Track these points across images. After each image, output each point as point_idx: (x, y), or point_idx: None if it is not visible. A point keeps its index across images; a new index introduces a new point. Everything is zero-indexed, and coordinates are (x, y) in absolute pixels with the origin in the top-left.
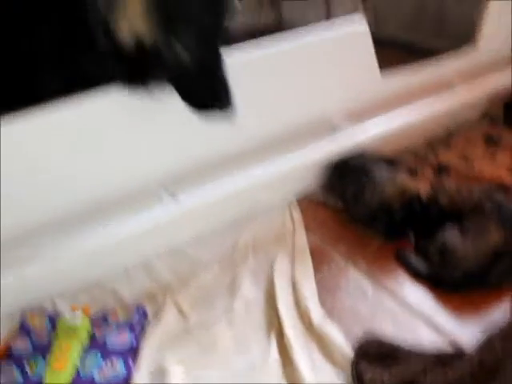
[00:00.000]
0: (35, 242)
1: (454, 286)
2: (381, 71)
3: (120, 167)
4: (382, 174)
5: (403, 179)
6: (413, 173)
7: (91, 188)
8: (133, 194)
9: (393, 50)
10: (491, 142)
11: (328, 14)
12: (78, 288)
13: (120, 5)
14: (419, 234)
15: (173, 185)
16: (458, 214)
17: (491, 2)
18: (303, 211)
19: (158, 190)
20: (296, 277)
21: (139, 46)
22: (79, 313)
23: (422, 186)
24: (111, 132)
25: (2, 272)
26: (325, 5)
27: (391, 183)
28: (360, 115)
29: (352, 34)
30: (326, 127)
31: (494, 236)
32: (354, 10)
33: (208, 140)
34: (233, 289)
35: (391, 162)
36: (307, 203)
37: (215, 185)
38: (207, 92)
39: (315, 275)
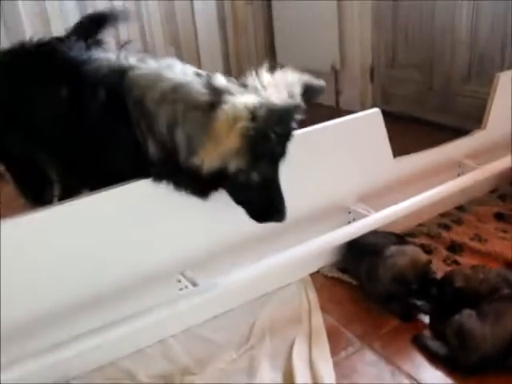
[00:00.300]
0: (53, 321)
1: (472, 369)
2: (393, 153)
3: (140, 252)
4: (393, 249)
5: (414, 249)
6: (426, 250)
7: (112, 272)
8: (152, 278)
9: (400, 124)
10: (502, 219)
11: (337, 92)
12: (92, 369)
13: (208, 145)
14: (435, 316)
15: (191, 269)
16: (474, 296)
17: (498, 86)
18: (318, 290)
19: (175, 274)
20: (313, 359)
21: (221, 171)
22: None
23: (435, 262)
24: (132, 220)
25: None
26: (334, 84)
27: (402, 254)
28: (373, 196)
29: (365, 117)
30: (340, 208)
31: None
32: (363, 88)
33: (224, 225)
34: (251, 372)
35: (403, 239)
36: (322, 281)
37: (233, 268)
38: (266, 202)
39: (332, 357)
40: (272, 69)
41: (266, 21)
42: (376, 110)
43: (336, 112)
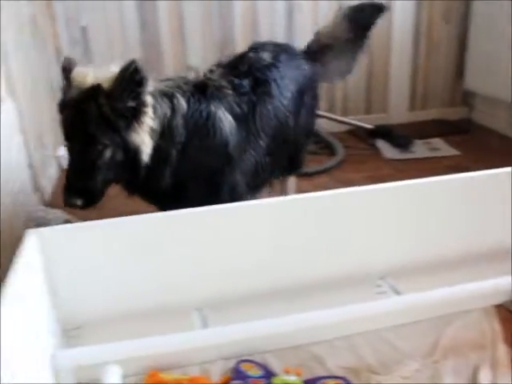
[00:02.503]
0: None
1: None
2: None
3: (349, 252)
4: None
5: None
6: None
7: (323, 266)
8: (353, 278)
9: None
10: None
11: None
12: (286, 347)
13: None
14: None
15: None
16: None
17: None
18: (503, 322)
19: (376, 279)
20: None
21: None
22: (293, 375)
23: None
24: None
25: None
26: None
27: None
28: None
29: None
30: None
31: None
32: None
33: (439, 241)
34: None
35: None
36: (505, 314)
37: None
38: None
39: None
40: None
41: (460, 43)
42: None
43: None
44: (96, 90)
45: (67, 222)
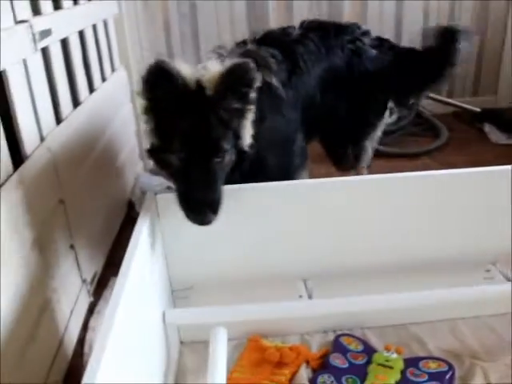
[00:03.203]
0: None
1: None
2: None
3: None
4: None
5: None
6: None
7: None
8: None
9: None
10: None
11: None
12: (386, 325)
13: None
14: None
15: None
16: None
17: None
18: None
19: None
20: None
21: None
22: (394, 353)
23: None
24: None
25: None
26: None
27: None
28: None
29: None
30: None
31: None
32: None
33: None
34: None
35: None
36: None
37: None
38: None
39: None
40: None
41: None
42: None
43: None
44: (211, 95)
45: (169, 188)
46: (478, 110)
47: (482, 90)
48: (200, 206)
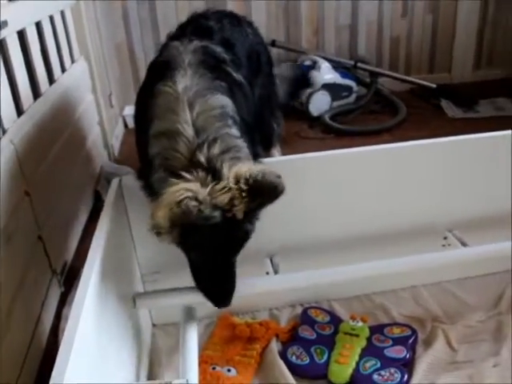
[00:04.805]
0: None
1: None
2: None
3: (412, 207)
4: None
5: None
6: None
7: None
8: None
9: None
10: None
11: None
12: (351, 296)
13: None
14: None
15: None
16: None
17: None
18: None
19: (444, 231)
20: None
21: None
22: (360, 321)
23: None
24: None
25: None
26: None
27: None
28: None
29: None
30: None
31: None
32: None
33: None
34: (499, 337)
35: None
36: None
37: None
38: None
39: None
40: None
41: None
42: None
43: None
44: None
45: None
46: (434, 85)
47: (438, 68)
48: (220, 296)
